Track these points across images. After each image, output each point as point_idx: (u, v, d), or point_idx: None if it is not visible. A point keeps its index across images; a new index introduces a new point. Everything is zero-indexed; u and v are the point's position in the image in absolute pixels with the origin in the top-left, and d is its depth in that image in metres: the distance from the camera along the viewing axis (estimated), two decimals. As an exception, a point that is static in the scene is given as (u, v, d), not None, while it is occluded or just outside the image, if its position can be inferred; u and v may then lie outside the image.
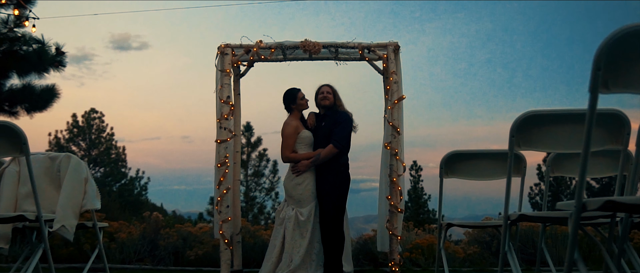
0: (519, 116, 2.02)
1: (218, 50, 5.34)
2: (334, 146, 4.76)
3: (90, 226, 3.72)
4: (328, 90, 5.01)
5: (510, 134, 2.04)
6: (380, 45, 5.35)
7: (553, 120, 2.04)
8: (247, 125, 21.76)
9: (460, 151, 3.04)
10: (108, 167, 26.16)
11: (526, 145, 2.08)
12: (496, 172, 3.04)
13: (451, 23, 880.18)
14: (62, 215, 3.25)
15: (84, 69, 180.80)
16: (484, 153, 3.08)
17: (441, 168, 3.01)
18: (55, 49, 9.60)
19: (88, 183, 3.43)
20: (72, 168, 3.37)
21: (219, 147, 5.15)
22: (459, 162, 3.05)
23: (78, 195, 3.36)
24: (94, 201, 3.44)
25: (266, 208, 20.84)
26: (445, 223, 3.42)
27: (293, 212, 4.80)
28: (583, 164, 1.42)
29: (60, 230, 3.23)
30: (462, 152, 3.05)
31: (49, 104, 9.85)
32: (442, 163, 3.02)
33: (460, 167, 3.06)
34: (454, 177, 3.12)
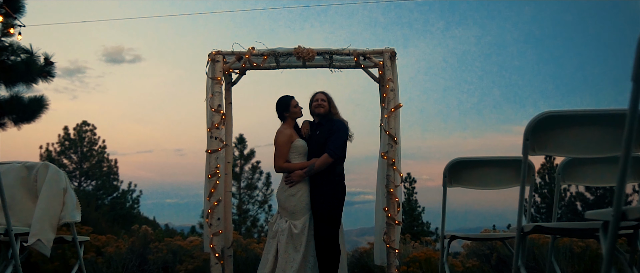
0: (534, 117, 1.84)
1: (209, 57, 5.18)
2: (329, 155, 4.60)
3: (70, 240, 3.49)
4: (323, 97, 4.86)
5: (525, 137, 1.86)
6: (376, 51, 5.21)
7: (573, 122, 1.87)
8: (240, 137, 21.63)
9: (464, 158, 2.85)
10: (100, 180, 25.94)
11: (541, 150, 1.90)
12: (503, 181, 2.86)
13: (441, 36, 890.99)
14: (38, 228, 3.03)
15: (76, 81, 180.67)
16: (490, 160, 2.89)
17: (445, 177, 2.82)
18: (44, 59, 9.41)
19: (67, 194, 3.21)
20: (49, 178, 3.15)
21: (210, 158, 4.97)
22: (463, 170, 2.86)
23: (56, 206, 3.14)
24: (73, 213, 3.22)
25: (259, 221, 20.72)
26: (449, 235, 3.22)
27: (286, 224, 4.62)
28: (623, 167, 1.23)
29: (35, 245, 3.00)
30: (467, 160, 2.87)
31: (38, 115, 9.61)
32: (446, 172, 2.83)
33: (465, 175, 2.88)
34: (458, 186, 2.93)
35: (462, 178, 2.89)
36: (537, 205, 25.12)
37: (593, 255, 6.09)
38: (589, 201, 24.11)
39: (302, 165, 4.68)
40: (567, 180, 2.95)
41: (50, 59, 9.42)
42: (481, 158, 2.88)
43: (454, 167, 2.83)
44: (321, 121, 4.84)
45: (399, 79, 5.24)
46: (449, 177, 2.87)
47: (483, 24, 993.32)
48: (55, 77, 9.72)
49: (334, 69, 5.40)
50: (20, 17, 9.60)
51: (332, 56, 5.22)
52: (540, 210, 25.02)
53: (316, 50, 5.17)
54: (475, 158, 2.88)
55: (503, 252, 5.94)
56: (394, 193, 4.86)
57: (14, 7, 9.32)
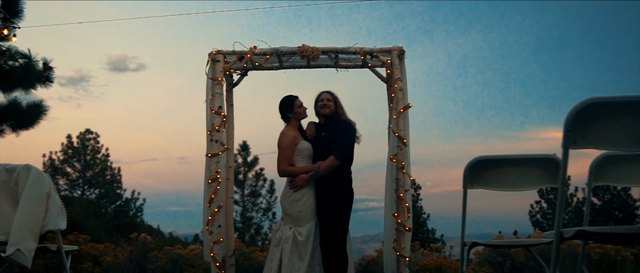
0: (576, 106, 1.59)
1: (209, 57, 4.95)
2: (336, 158, 4.38)
3: (55, 249, 3.24)
4: (328, 97, 4.66)
5: (565, 128, 1.61)
6: (384, 50, 4.98)
7: (623, 111, 1.61)
8: (243, 144, 21.45)
9: (487, 157, 2.58)
10: (103, 189, 25.90)
11: (584, 143, 1.65)
12: (529, 181, 2.60)
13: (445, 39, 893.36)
14: (18, 237, 2.78)
15: (80, 90, 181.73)
16: (516, 159, 2.63)
17: (465, 177, 2.56)
18: (43, 64, 9.20)
19: (50, 200, 2.96)
20: (31, 182, 2.90)
21: (210, 162, 4.73)
22: (485, 170, 2.60)
23: (38, 213, 2.88)
24: (57, 220, 2.96)
25: (263, 228, 20.50)
26: (470, 242, 2.96)
27: (291, 231, 4.39)
28: None
29: (14, 255, 2.75)
30: (490, 158, 2.60)
31: (36, 121, 9.41)
32: (466, 172, 2.57)
33: (488, 175, 2.62)
34: (480, 187, 2.68)
35: (484, 178, 2.64)
36: (544, 210, 24.75)
37: (611, 261, 5.83)
38: (596, 206, 23.78)
39: (307, 169, 4.46)
40: (600, 179, 2.70)
41: (49, 63, 9.22)
42: (506, 156, 2.62)
43: (475, 166, 2.57)
44: (327, 122, 4.64)
45: (407, 78, 5.01)
46: (469, 177, 2.61)
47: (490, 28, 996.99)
48: (62, 86, 9.88)
49: (340, 69, 5.18)
50: (19, 21, 9.42)
51: (337, 55, 5.00)
52: (546, 216, 24.68)
53: (321, 48, 4.95)
54: (499, 156, 2.61)
55: (517, 259, 5.67)
56: (403, 197, 4.63)
57: (12, 11, 9.14)
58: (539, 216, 24.50)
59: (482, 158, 2.55)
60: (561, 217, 1.80)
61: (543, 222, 24.36)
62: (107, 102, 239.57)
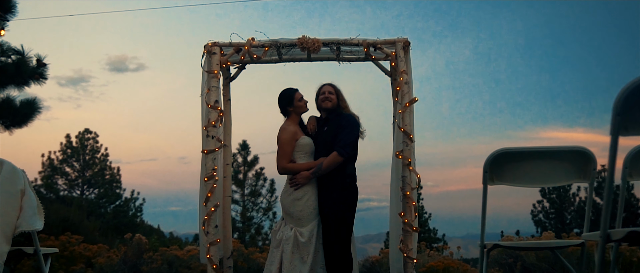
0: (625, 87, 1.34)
1: (204, 49, 4.71)
2: (339, 154, 4.18)
3: (31, 252, 3.00)
4: (330, 90, 4.47)
5: (614, 112, 1.38)
6: (388, 41, 4.74)
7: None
8: (243, 144, 21.33)
9: (510, 149, 2.32)
10: (102, 188, 25.86)
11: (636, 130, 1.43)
12: (557, 176, 2.36)
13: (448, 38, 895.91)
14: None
15: (80, 90, 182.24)
16: (542, 151, 2.38)
17: (485, 172, 2.30)
18: (36, 60, 8.95)
19: (26, 197, 2.71)
20: (3, 178, 2.65)
21: (206, 159, 4.49)
22: (508, 164, 2.34)
23: (11, 212, 2.64)
24: (33, 220, 2.72)
25: (263, 228, 20.44)
26: (491, 244, 2.70)
27: (291, 232, 4.18)
28: None
29: (-19, 261, 2.51)
30: (513, 151, 2.34)
31: (30, 118, 9.17)
32: (487, 167, 2.31)
33: (510, 170, 2.36)
34: (501, 183, 2.43)
35: (507, 173, 2.39)
36: (546, 210, 24.53)
37: (626, 262, 5.61)
38: (598, 206, 23.55)
39: (308, 166, 4.27)
40: (635, 175, 2.44)
41: (43, 60, 8.97)
42: (531, 149, 2.37)
43: (496, 160, 2.31)
44: (329, 116, 4.45)
45: (412, 71, 4.79)
46: (490, 172, 2.35)
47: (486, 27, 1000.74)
48: (62, 86, 9.63)
49: (342, 62, 4.97)
50: (12, 18, 9.19)
51: (339, 47, 4.77)
52: (549, 216, 24.47)
53: (322, 40, 4.71)
54: (523, 149, 2.36)
55: (528, 260, 5.43)
56: (410, 196, 4.40)
57: (5, 7, 8.91)
58: (541, 215, 24.30)
59: (504, 151, 2.29)
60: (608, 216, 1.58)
61: (545, 221, 24.16)
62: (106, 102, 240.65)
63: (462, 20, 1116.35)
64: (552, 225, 23.88)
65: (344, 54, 4.87)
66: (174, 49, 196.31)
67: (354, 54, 4.89)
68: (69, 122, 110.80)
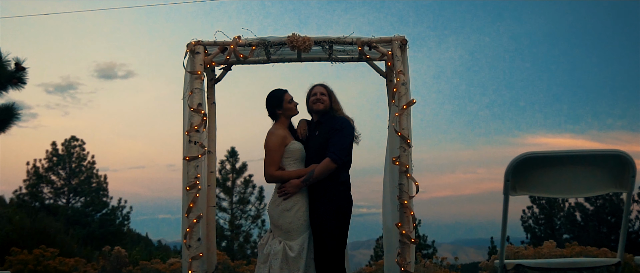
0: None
1: (187, 49, 4.41)
2: (332, 160, 3.94)
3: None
4: (322, 91, 4.25)
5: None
6: (384, 40, 4.49)
7: None
8: (231, 150, 21.12)
9: (536, 154, 1.97)
10: (88, 197, 25.56)
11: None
12: (590, 185, 2.03)
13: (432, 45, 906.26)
14: None
15: (68, 98, 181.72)
16: (575, 155, 2.05)
17: (507, 181, 1.97)
18: (14, 64, 8.59)
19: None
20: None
21: (188, 166, 4.16)
22: (534, 171, 2.00)
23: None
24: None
25: (252, 236, 20.29)
26: (513, 264, 2.35)
27: (280, 245, 3.91)
28: None
29: None
30: (540, 155, 1.99)
31: (8, 124, 8.78)
32: (508, 174, 1.98)
33: (536, 178, 2.03)
34: (525, 192, 2.10)
35: (532, 182, 2.06)
36: (536, 216, 24.48)
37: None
38: (588, 211, 23.53)
39: (298, 173, 4.02)
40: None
41: (21, 64, 8.61)
42: (562, 152, 2.03)
43: (520, 166, 1.97)
44: (321, 119, 4.21)
45: (410, 71, 4.52)
46: (513, 180, 2.02)
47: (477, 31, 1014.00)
48: (49, 93, 9.28)
49: (335, 62, 4.71)
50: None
51: (332, 46, 4.52)
52: (539, 222, 24.42)
53: (313, 38, 4.45)
54: (552, 153, 2.02)
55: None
56: (407, 205, 4.12)
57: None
58: (531, 222, 24.28)
59: (529, 156, 1.95)
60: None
61: (535, 227, 24.15)
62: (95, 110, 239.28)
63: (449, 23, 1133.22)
64: (542, 231, 23.87)
65: (337, 54, 4.64)
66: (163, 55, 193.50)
67: (348, 54, 4.67)
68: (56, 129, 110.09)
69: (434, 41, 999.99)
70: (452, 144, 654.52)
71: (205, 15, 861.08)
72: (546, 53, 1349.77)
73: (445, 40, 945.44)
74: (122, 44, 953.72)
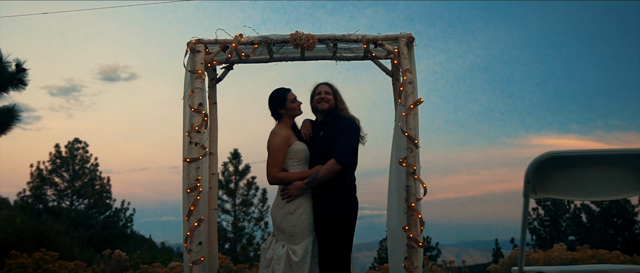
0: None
1: (187, 47, 4.31)
2: (337, 161, 3.85)
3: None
4: (327, 89, 4.16)
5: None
6: (390, 37, 4.37)
7: None
8: (234, 152, 21.11)
9: (560, 153, 1.81)
10: (92, 199, 25.66)
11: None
12: (620, 187, 1.88)
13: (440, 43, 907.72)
14: None
15: (72, 100, 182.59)
16: (603, 155, 1.88)
17: (528, 182, 1.81)
18: (15, 65, 8.51)
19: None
20: None
21: (189, 168, 4.05)
22: (557, 172, 1.85)
23: None
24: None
25: (255, 238, 20.28)
26: (533, 271, 2.20)
27: (283, 250, 3.80)
28: None
29: None
30: (565, 155, 1.83)
31: (9, 127, 8.70)
32: (529, 175, 1.82)
33: (560, 179, 1.87)
34: (547, 194, 1.96)
35: (555, 183, 1.91)
36: (541, 217, 24.42)
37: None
38: (594, 213, 23.46)
39: (302, 175, 3.92)
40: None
41: (22, 65, 8.53)
42: (588, 152, 1.86)
43: (543, 167, 1.81)
44: (325, 119, 4.13)
45: (417, 70, 4.41)
46: (534, 181, 1.87)
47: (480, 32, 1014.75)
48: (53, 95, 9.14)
49: (339, 61, 4.61)
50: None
51: (336, 44, 4.40)
52: (544, 223, 24.35)
53: (317, 36, 4.34)
54: (578, 152, 1.85)
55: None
56: (415, 208, 3.99)
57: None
58: (536, 223, 24.26)
59: (552, 156, 1.79)
60: None
61: (540, 229, 24.11)
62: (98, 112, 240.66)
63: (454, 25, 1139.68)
64: (547, 233, 23.79)
65: (342, 52, 4.53)
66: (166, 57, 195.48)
67: (353, 52, 4.57)
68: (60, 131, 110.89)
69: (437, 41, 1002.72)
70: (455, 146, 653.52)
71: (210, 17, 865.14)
72: (550, 53, 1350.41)
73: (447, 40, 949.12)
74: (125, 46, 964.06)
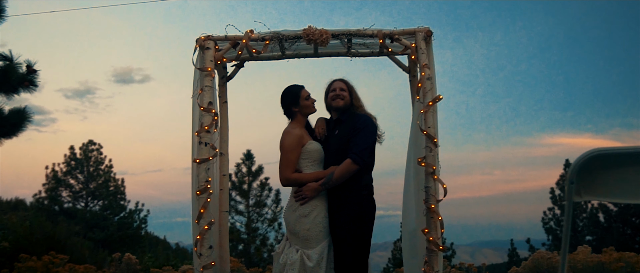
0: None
1: (196, 44, 4.16)
2: (353, 161, 3.68)
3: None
4: (342, 86, 4.00)
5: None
6: (407, 32, 4.20)
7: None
8: (247, 153, 21.06)
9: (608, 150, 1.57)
10: (106, 200, 25.86)
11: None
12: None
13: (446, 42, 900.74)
14: None
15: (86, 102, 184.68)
16: None
17: (571, 183, 1.58)
18: (26, 67, 8.46)
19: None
20: None
21: (199, 169, 3.90)
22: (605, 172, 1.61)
23: None
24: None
25: (269, 240, 20.25)
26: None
27: (297, 255, 3.65)
28: None
29: None
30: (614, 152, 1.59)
31: (20, 129, 8.66)
32: (573, 176, 1.59)
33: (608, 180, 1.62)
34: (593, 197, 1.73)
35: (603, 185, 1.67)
36: (557, 217, 24.07)
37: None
38: (612, 213, 23.08)
39: (316, 176, 3.76)
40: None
41: (33, 66, 8.47)
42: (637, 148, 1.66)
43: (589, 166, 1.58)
44: (340, 117, 3.96)
45: (435, 65, 4.22)
46: (578, 183, 1.66)
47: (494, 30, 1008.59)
48: (68, 98, 9.07)
49: (354, 57, 4.47)
50: (2, 22, 8.72)
51: (350, 39, 4.23)
52: (560, 223, 24.03)
53: (331, 31, 4.17)
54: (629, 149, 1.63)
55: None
56: (435, 210, 3.80)
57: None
58: (552, 223, 23.92)
59: (600, 153, 1.55)
60: None
61: (556, 229, 23.76)
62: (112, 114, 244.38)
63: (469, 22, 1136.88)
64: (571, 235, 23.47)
65: (356, 48, 4.37)
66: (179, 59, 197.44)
67: (368, 47, 4.41)
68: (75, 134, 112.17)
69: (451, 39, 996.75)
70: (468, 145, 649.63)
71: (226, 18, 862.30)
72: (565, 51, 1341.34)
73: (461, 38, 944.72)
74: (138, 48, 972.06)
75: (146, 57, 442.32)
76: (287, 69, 7.33)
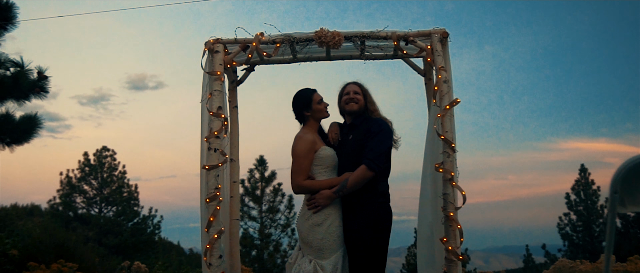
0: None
1: (205, 47, 4.04)
2: (368, 167, 3.54)
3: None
4: (356, 89, 3.85)
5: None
6: (422, 33, 4.05)
7: None
8: (260, 159, 21.00)
9: None
10: (120, 206, 25.89)
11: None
12: None
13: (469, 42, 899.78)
14: None
15: (101, 109, 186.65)
16: None
17: (614, 193, 1.43)
18: (37, 73, 8.43)
19: None
20: None
21: (208, 175, 3.77)
22: None
23: None
24: None
25: (282, 246, 20.12)
26: None
27: (311, 265, 3.50)
28: None
29: None
30: None
31: (31, 135, 8.64)
32: (616, 185, 1.43)
33: None
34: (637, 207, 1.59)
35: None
36: (573, 223, 23.67)
37: None
38: (629, 218, 22.62)
39: (330, 183, 3.61)
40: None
41: (44, 72, 8.44)
42: None
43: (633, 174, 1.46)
44: (354, 121, 3.84)
45: (452, 68, 4.06)
46: (622, 192, 1.50)
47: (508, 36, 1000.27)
48: (83, 105, 9.09)
49: (367, 60, 4.34)
50: (13, 29, 8.71)
51: (364, 41, 4.09)
52: (576, 229, 23.61)
53: (344, 33, 4.03)
54: None
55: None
56: (454, 218, 3.64)
57: (4, 16, 8.40)
58: (568, 228, 23.53)
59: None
60: None
61: (572, 234, 23.39)
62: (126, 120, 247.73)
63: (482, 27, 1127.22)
64: (580, 238, 23.10)
65: (370, 50, 4.22)
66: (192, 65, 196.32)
67: (382, 50, 4.29)
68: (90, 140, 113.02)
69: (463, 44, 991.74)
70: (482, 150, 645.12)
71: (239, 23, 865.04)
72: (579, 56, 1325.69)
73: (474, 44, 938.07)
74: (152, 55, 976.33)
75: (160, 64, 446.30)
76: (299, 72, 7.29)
